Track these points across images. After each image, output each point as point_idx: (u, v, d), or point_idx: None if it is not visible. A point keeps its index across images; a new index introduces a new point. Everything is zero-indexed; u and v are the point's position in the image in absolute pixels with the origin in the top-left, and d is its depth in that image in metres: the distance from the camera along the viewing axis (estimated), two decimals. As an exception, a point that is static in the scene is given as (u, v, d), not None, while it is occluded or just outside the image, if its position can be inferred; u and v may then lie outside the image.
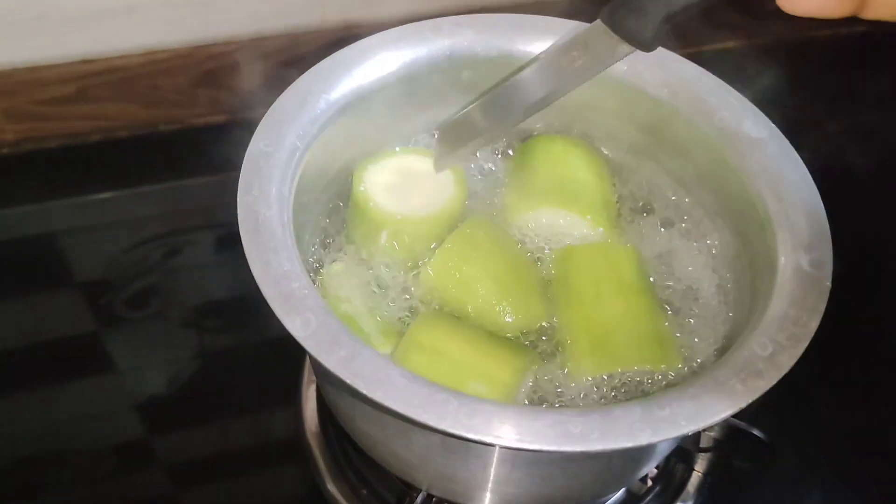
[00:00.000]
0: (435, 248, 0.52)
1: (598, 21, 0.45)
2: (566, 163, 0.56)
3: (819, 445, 0.63)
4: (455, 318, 0.51)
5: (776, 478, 0.60)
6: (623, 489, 0.56)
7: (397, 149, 0.55)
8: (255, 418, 0.62)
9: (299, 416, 0.59)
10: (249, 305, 0.62)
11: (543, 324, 0.51)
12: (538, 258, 0.54)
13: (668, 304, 0.52)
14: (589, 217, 0.53)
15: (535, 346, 0.50)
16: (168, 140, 0.76)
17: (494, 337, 0.50)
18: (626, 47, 0.44)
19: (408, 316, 0.51)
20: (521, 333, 0.50)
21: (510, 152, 0.59)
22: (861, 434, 0.64)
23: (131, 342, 0.64)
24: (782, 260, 0.45)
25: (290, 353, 0.62)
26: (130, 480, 0.58)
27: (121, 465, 0.59)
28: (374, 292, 0.52)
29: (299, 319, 0.41)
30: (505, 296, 0.50)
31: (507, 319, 0.50)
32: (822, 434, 0.63)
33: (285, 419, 0.60)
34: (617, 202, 0.56)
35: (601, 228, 0.54)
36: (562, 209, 0.54)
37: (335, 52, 0.52)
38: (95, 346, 0.64)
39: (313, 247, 0.53)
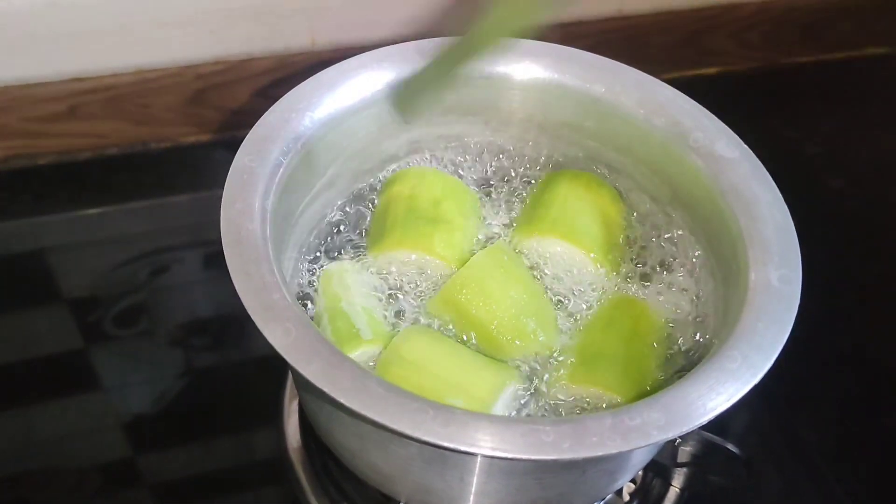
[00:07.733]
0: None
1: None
2: (584, 199, 0.56)
3: (797, 463, 0.63)
4: (438, 333, 0.51)
5: (754, 495, 0.61)
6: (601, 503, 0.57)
7: None
8: (240, 435, 0.62)
9: (281, 432, 0.60)
10: (236, 323, 0.62)
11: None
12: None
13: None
14: (592, 255, 0.54)
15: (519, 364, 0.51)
16: (158, 158, 0.77)
17: (475, 354, 0.51)
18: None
19: (401, 324, 0.52)
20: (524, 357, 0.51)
21: (534, 181, 0.60)
22: (839, 453, 0.64)
23: (119, 360, 0.64)
24: (752, 276, 0.46)
25: (274, 371, 0.62)
26: (117, 499, 0.58)
27: (107, 484, 0.58)
28: (375, 295, 0.53)
29: (279, 329, 0.41)
30: (528, 317, 0.51)
31: (519, 343, 0.51)
32: (801, 452, 0.64)
33: (269, 436, 0.60)
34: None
35: (603, 268, 0.55)
36: (566, 241, 0.54)
37: (322, 72, 0.53)
38: (83, 363, 0.64)
39: (295, 260, 0.54)
